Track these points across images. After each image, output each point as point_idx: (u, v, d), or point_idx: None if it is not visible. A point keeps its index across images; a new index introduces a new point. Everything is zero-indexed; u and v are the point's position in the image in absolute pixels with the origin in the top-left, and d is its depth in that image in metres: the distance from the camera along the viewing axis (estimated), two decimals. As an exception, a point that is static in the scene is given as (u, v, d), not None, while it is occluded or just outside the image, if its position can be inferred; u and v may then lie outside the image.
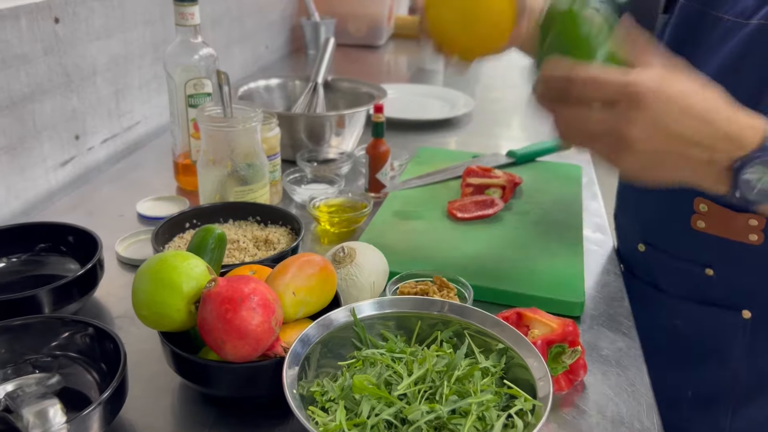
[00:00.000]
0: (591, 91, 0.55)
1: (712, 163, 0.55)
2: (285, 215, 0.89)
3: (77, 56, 1.10)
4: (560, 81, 0.57)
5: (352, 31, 2.24)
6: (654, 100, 0.53)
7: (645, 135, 0.54)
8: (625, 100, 0.54)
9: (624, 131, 0.54)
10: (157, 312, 0.59)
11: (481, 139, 1.42)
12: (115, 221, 1.00)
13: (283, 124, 1.13)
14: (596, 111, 0.55)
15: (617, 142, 0.55)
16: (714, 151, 0.55)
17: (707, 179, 0.57)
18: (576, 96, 0.56)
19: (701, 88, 0.56)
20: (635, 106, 0.54)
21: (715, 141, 0.54)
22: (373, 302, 0.65)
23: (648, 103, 0.53)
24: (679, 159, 0.55)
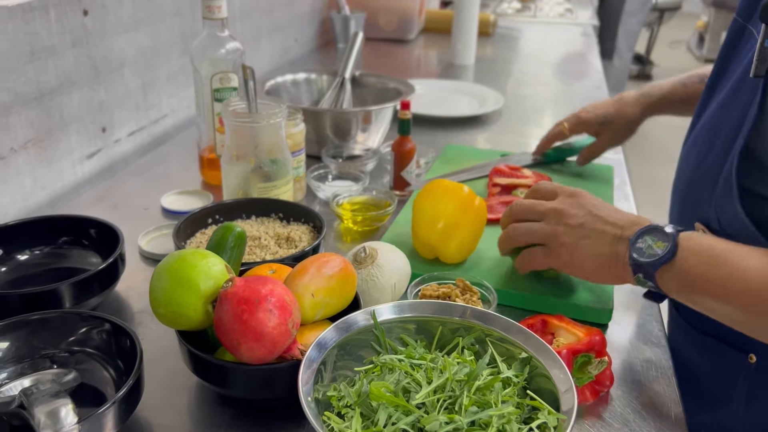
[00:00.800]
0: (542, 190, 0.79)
1: (620, 240, 0.68)
2: (307, 213, 0.87)
3: (105, 48, 1.10)
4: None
5: (383, 25, 2.22)
6: (587, 195, 0.75)
7: (575, 211, 0.72)
8: (567, 193, 0.76)
9: (560, 209, 0.73)
10: (174, 311, 0.59)
11: (510, 137, 1.39)
12: (139, 214, 1.00)
13: (308, 120, 1.12)
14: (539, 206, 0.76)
15: (553, 222, 0.73)
16: (623, 229, 0.69)
17: (618, 261, 0.68)
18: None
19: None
20: (571, 194, 0.75)
21: (626, 222, 0.69)
22: (394, 305, 0.63)
23: (582, 194, 0.75)
24: (599, 234, 0.70)
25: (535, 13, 2.95)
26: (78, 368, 0.62)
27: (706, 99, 0.84)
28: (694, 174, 0.79)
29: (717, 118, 0.77)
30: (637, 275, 0.66)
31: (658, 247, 0.64)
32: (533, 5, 3.15)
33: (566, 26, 2.70)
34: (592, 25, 2.71)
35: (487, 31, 2.33)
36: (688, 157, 0.82)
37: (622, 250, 0.67)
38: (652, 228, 0.66)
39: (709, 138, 0.77)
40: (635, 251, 0.65)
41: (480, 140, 1.37)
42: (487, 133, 1.41)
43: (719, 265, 0.62)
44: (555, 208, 0.73)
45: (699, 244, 0.64)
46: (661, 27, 5.77)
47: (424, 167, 1.15)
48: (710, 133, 0.77)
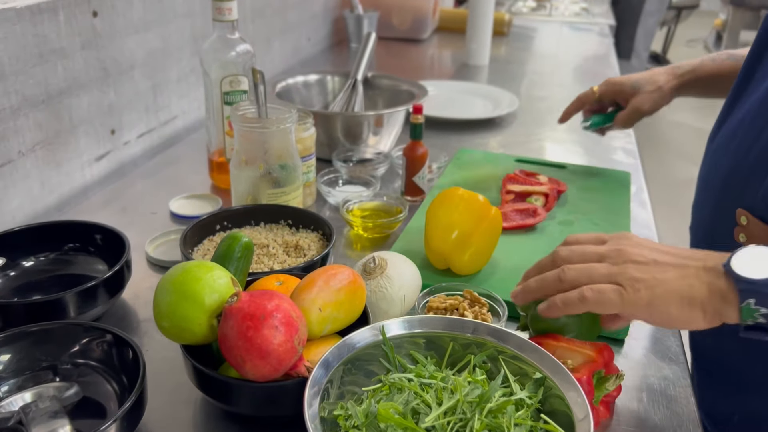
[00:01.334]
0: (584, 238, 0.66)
1: (708, 270, 0.57)
2: (317, 220, 0.86)
3: (115, 50, 1.09)
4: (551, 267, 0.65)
5: (396, 24, 2.19)
6: (636, 236, 0.64)
7: (638, 250, 0.61)
8: (615, 237, 0.64)
9: (620, 248, 0.61)
10: (178, 325, 0.57)
11: (525, 140, 1.37)
12: (147, 218, 0.99)
13: (319, 123, 1.10)
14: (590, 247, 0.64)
15: (618, 260, 0.60)
16: (704, 260, 0.58)
17: (714, 292, 0.56)
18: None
19: None
20: (620, 236, 0.64)
21: (701, 254, 0.59)
22: (403, 321, 0.61)
23: (632, 235, 0.64)
24: (679, 269, 0.58)
25: (551, 12, 2.91)
26: (80, 381, 0.61)
27: (739, 92, 0.82)
28: (737, 165, 0.76)
29: (764, 107, 0.75)
30: (747, 302, 0.53)
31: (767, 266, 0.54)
32: (548, 4, 3.11)
33: (582, 26, 2.66)
34: (608, 24, 2.67)
35: (501, 31, 2.30)
36: (725, 149, 0.80)
37: (714, 279, 0.56)
38: (751, 248, 0.56)
39: (754, 128, 0.75)
40: (742, 272, 0.54)
41: (493, 143, 1.34)
42: (500, 136, 1.39)
43: None
44: (613, 248, 0.62)
45: None
46: (678, 25, 5.70)
47: (436, 172, 1.13)
48: (755, 123, 0.75)
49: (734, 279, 0.54)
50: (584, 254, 0.63)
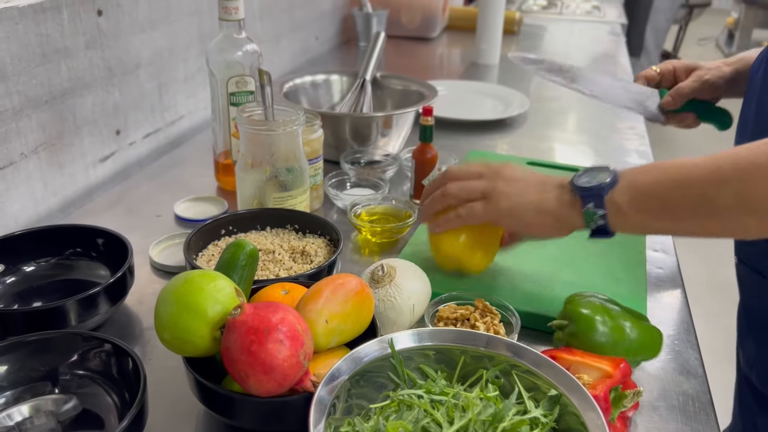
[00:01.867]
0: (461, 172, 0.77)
1: (561, 186, 0.69)
2: (324, 225, 0.84)
3: (120, 49, 1.07)
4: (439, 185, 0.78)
5: (405, 23, 2.17)
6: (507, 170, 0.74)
7: (510, 171, 0.73)
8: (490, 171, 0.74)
9: (496, 169, 0.74)
10: (180, 337, 0.55)
11: (535, 142, 1.34)
12: (151, 221, 0.97)
13: (327, 124, 1.08)
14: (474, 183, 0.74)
15: (491, 176, 0.73)
16: (561, 179, 0.70)
17: (563, 203, 0.68)
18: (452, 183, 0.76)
19: None
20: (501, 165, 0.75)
21: (560, 177, 0.71)
22: (413, 333, 0.59)
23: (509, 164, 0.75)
24: (539, 183, 0.71)
25: (561, 11, 2.88)
26: (79, 392, 0.59)
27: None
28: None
29: None
30: (587, 207, 0.66)
31: (602, 176, 0.66)
32: (559, 2, 3.08)
33: (593, 24, 2.63)
34: (620, 23, 2.64)
35: (512, 29, 2.27)
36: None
37: (565, 192, 0.68)
38: (590, 168, 0.68)
39: None
40: (580, 184, 0.66)
41: (503, 145, 1.32)
42: (511, 137, 1.36)
43: (670, 171, 0.62)
44: (491, 168, 0.74)
45: (641, 166, 0.66)
46: (690, 24, 5.64)
47: (446, 175, 1.10)
48: None
49: (576, 189, 0.67)
50: (466, 172, 0.76)
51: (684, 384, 0.68)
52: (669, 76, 1.03)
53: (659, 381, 0.69)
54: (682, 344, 0.74)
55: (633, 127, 1.43)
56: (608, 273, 0.83)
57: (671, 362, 0.71)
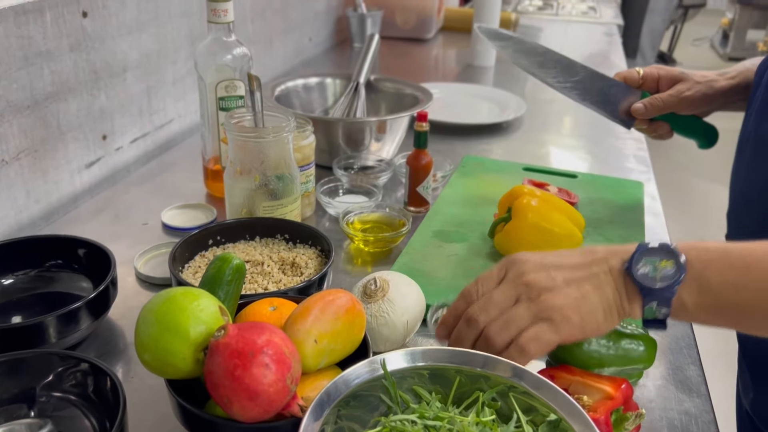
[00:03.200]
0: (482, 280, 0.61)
1: (614, 273, 0.58)
2: (315, 235, 0.81)
3: (106, 52, 1.04)
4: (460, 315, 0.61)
5: (400, 24, 2.14)
6: (525, 256, 0.61)
7: (542, 274, 0.58)
8: (508, 265, 0.60)
9: (527, 280, 0.58)
10: (161, 359, 0.53)
11: (532, 147, 1.32)
12: (138, 230, 0.94)
13: (319, 129, 1.05)
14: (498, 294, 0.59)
15: (533, 294, 0.58)
16: (608, 262, 0.58)
17: (622, 296, 0.58)
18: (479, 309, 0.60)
19: None
20: (515, 261, 0.60)
21: (600, 255, 0.59)
22: (406, 354, 0.56)
23: (522, 258, 0.60)
24: (591, 280, 0.58)
25: (558, 11, 2.86)
26: (56, 416, 0.56)
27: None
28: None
29: None
30: (649, 305, 0.57)
31: (665, 267, 0.56)
32: (555, 3, 3.06)
33: (589, 25, 2.61)
34: (616, 24, 2.62)
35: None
36: (764, 157, 0.75)
37: (620, 282, 0.58)
38: (645, 249, 0.57)
39: None
40: (642, 279, 0.56)
41: (499, 150, 1.29)
42: (507, 141, 1.34)
43: (746, 263, 0.54)
44: (519, 283, 0.59)
45: (705, 249, 0.56)
46: (685, 24, 5.63)
47: (441, 181, 1.08)
48: None
49: (637, 285, 0.57)
50: (497, 304, 0.59)
51: (686, 402, 0.66)
52: (652, 83, 0.94)
53: (661, 399, 0.66)
54: (684, 359, 0.72)
55: (630, 130, 1.41)
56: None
57: (672, 379, 0.69)
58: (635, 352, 0.64)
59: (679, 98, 0.90)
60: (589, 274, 0.58)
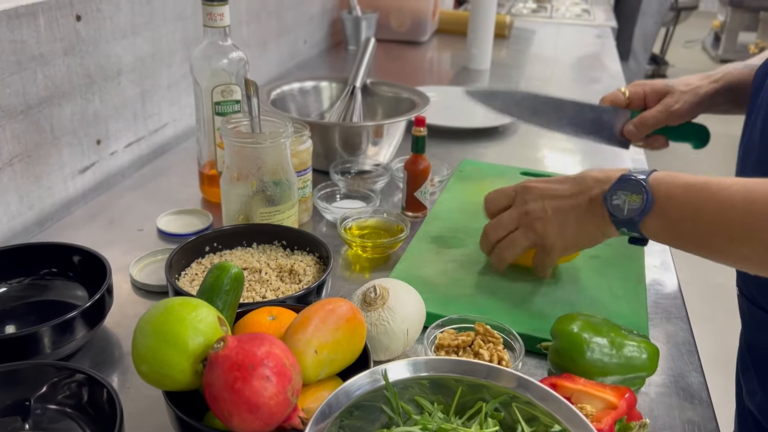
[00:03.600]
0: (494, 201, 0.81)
1: (593, 201, 0.70)
2: (313, 242, 0.80)
3: (100, 56, 1.03)
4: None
5: (395, 26, 2.14)
6: (534, 185, 0.76)
7: (538, 203, 0.74)
8: (519, 190, 0.78)
9: (527, 209, 0.75)
10: (158, 371, 0.52)
11: (528, 150, 1.32)
12: (133, 235, 0.93)
13: (316, 133, 1.05)
14: (505, 218, 0.77)
15: (529, 222, 0.75)
16: (591, 190, 0.71)
17: (599, 222, 0.70)
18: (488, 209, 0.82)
19: None
20: (524, 190, 0.77)
21: (586, 184, 0.72)
22: (408, 364, 0.56)
23: (530, 186, 0.76)
24: (573, 210, 0.72)
25: (552, 14, 2.86)
26: (51, 428, 0.55)
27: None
28: None
29: None
30: (621, 229, 0.69)
31: (634, 201, 0.66)
32: (549, 5, 3.06)
33: (583, 28, 2.61)
34: (610, 26, 2.62)
35: (503, 33, 2.25)
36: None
37: (598, 209, 0.69)
38: (623, 180, 0.67)
39: None
40: (613, 209, 0.67)
41: (496, 153, 1.29)
42: (503, 145, 1.33)
43: (701, 203, 0.62)
44: (521, 211, 0.76)
45: (674, 185, 0.65)
46: (677, 26, 5.65)
47: (438, 185, 1.07)
48: None
49: (609, 215, 0.68)
50: (504, 227, 0.77)
51: (689, 410, 0.66)
52: (639, 101, 0.96)
53: (663, 407, 0.66)
54: (685, 366, 0.72)
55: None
56: (607, 290, 0.81)
57: (674, 386, 0.69)
58: (638, 360, 0.63)
59: (669, 113, 0.92)
60: (573, 204, 0.72)
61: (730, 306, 2.30)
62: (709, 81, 0.92)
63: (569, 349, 0.63)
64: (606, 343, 0.63)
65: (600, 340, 0.63)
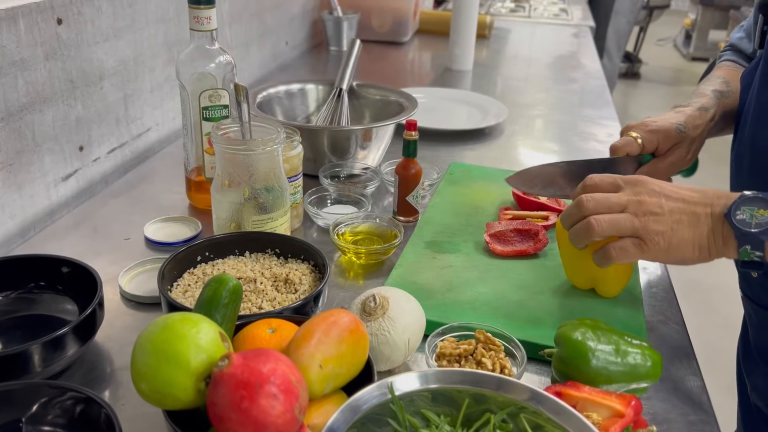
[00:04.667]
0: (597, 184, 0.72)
1: (714, 216, 0.66)
2: (307, 249, 0.79)
3: (82, 60, 1.00)
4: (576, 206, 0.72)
5: (376, 27, 2.13)
6: (650, 180, 0.70)
7: (655, 199, 0.68)
8: (630, 181, 0.70)
9: (642, 199, 0.68)
10: (160, 390, 0.50)
11: (516, 152, 1.32)
12: (120, 245, 0.91)
13: (304, 137, 1.03)
14: (613, 197, 0.69)
15: (642, 211, 0.68)
16: (712, 206, 0.66)
17: (717, 239, 0.66)
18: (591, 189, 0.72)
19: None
20: (635, 182, 0.70)
21: (709, 198, 0.67)
22: (418, 376, 0.55)
23: (646, 180, 0.70)
24: (690, 217, 0.67)
25: (530, 14, 2.87)
26: (47, 451, 0.53)
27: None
28: None
29: None
30: (744, 247, 0.64)
31: (763, 215, 0.63)
32: (527, 5, 3.07)
33: (561, 27, 2.62)
34: (588, 26, 2.64)
35: (483, 33, 2.25)
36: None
37: (719, 225, 0.65)
38: (747, 198, 0.64)
39: None
40: (739, 224, 0.64)
41: (484, 155, 1.29)
42: (490, 147, 1.33)
43: None
44: (633, 198, 0.68)
45: None
46: (650, 25, 5.73)
47: (428, 189, 1.06)
48: None
49: (734, 227, 0.64)
50: (609, 205, 0.69)
51: (690, 415, 0.66)
52: (651, 147, 0.91)
53: (664, 413, 0.66)
54: (684, 370, 0.72)
55: (612, 134, 1.42)
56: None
57: (674, 391, 0.69)
58: (643, 368, 0.63)
59: (682, 163, 0.91)
60: (693, 211, 0.66)
61: (706, 301, 2.32)
62: (708, 119, 0.90)
63: (574, 357, 0.63)
64: (611, 350, 0.63)
65: (605, 348, 0.63)
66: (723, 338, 1.63)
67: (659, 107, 4.58)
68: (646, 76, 5.75)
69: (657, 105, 4.97)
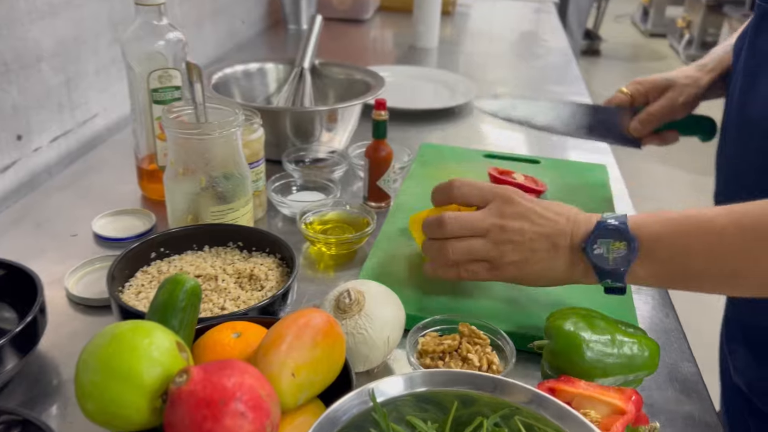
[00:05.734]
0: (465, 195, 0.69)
1: (573, 249, 0.63)
2: (273, 241, 0.73)
3: (16, 40, 0.91)
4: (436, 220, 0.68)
5: (336, 4, 2.05)
6: (519, 198, 0.66)
7: (518, 224, 0.64)
8: (499, 198, 0.66)
9: (505, 224, 0.64)
10: (108, 410, 0.44)
11: (488, 130, 1.26)
12: (65, 242, 0.83)
13: (265, 120, 0.96)
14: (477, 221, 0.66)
15: (501, 239, 0.64)
16: (572, 236, 0.63)
17: (577, 269, 0.63)
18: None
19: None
20: (507, 200, 0.66)
21: (569, 227, 0.64)
22: (403, 379, 0.49)
23: (514, 198, 0.66)
24: (549, 247, 0.64)
25: (493, -10, 2.81)
26: (-19, 485, 0.46)
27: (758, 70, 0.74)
28: None
29: None
30: (605, 280, 0.62)
31: (618, 248, 0.61)
32: (490, -20, 3.01)
33: (526, 3, 2.58)
34: (552, 2, 2.60)
35: (447, 10, 2.19)
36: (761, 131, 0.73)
37: (578, 257, 0.63)
38: (601, 228, 0.61)
39: None
40: (596, 260, 0.61)
41: (455, 135, 1.23)
42: (461, 127, 1.28)
43: (691, 239, 0.58)
44: (497, 223, 0.65)
45: (656, 224, 0.60)
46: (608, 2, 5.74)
47: (399, 173, 1.01)
48: None
49: (592, 264, 0.61)
50: (471, 228, 0.66)
51: (686, 404, 0.62)
52: (641, 98, 0.93)
53: (661, 403, 0.62)
54: (677, 356, 0.68)
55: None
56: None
57: (669, 379, 0.65)
58: (640, 358, 0.59)
59: (674, 106, 0.90)
60: (553, 243, 0.63)
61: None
62: (706, 71, 0.90)
63: (566, 350, 0.58)
64: (606, 341, 0.58)
65: (599, 338, 0.58)
66: (703, 318, 1.62)
67: (620, 83, 4.57)
68: (606, 53, 5.77)
69: (618, 81, 4.97)
